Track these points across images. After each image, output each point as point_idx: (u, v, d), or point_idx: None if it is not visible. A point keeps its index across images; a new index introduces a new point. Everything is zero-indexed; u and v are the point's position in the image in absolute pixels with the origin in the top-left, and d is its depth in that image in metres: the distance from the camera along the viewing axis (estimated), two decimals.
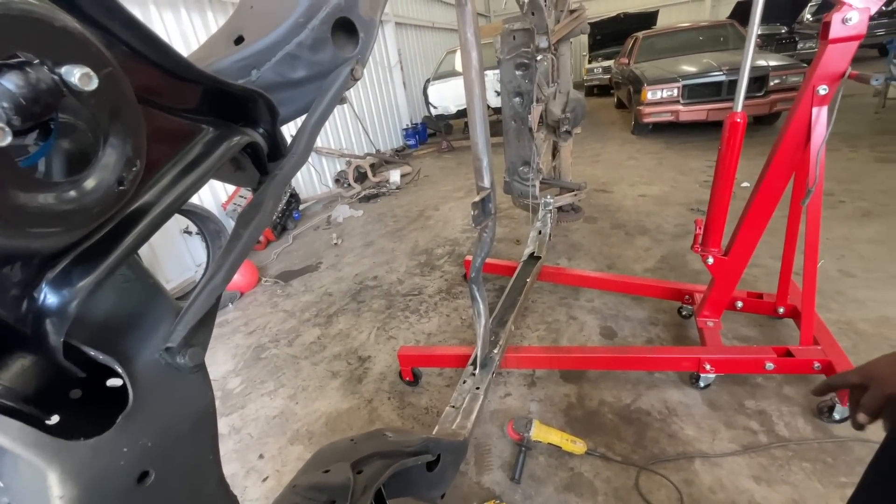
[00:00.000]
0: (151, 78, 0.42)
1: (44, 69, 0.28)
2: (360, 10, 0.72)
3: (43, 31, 0.28)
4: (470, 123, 1.43)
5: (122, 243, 0.41)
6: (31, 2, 0.27)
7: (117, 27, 0.37)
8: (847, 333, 2.02)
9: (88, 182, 0.32)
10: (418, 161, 7.37)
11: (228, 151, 0.52)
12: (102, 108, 0.31)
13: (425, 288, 3.03)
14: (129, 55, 0.38)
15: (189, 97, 0.48)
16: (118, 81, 0.32)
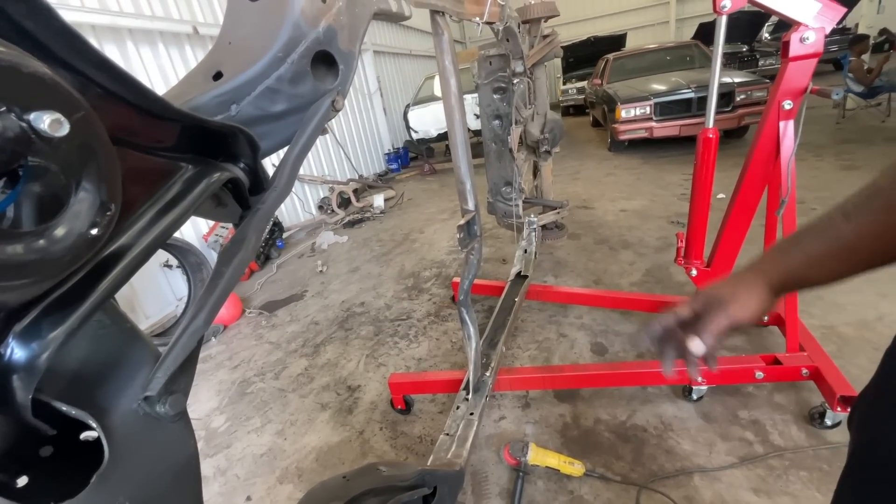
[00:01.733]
0: (127, 118, 0.41)
1: (11, 116, 0.27)
2: (340, 43, 0.73)
3: (11, 78, 0.27)
4: (452, 148, 1.45)
5: (96, 289, 0.39)
6: (5, 51, 0.26)
7: (90, 69, 0.36)
8: (830, 338, 2.06)
9: (59, 230, 0.31)
10: (401, 185, 7.41)
11: (209, 188, 0.51)
12: (74, 153, 0.30)
13: (414, 312, 2.99)
14: (102, 96, 0.38)
15: (166, 135, 0.47)
16: (91, 125, 0.31)
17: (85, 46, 0.34)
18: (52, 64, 0.33)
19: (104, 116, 0.37)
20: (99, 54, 0.35)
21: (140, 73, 3.71)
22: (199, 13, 4.47)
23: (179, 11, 4.21)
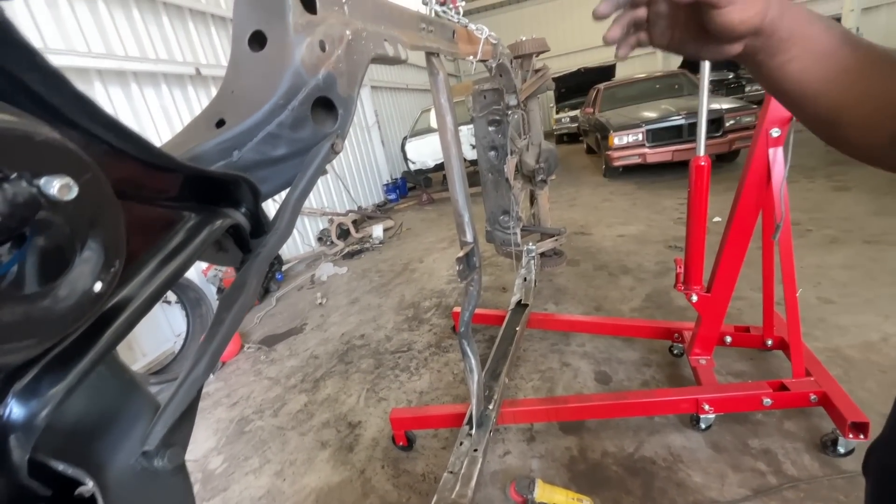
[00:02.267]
0: (132, 172, 0.42)
1: (22, 183, 0.28)
2: (339, 88, 0.75)
3: (23, 146, 0.28)
4: (449, 182, 1.47)
5: (98, 343, 0.39)
6: (10, 119, 0.27)
7: (98, 129, 0.37)
8: (836, 361, 2.04)
9: (63, 290, 0.31)
10: (400, 215, 7.47)
11: (211, 236, 0.52)
12: (81, 215, 0.31)
13: (414, 343, 2.96)
14: (109, 152, 0.39)
15: (170, 187, 0.48)
16: (98, 186, 0.32)
17: (94, 109, 0.35)
18: (62, 125, 0.35)
19: (110, 172, 0.38)
20: (107, 116, 0.36)
21: (143, 113, 3.80)
22: (202, 55, 4.63)
23: (183, 54, 4.36)
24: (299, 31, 0.71)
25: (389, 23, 1.04)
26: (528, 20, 18.40)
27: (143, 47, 3.86)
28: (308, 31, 0.71)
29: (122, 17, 3.69)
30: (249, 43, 0.72)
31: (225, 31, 4.98)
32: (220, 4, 4.91)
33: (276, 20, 0.71)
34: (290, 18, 0.70)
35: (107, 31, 3.53)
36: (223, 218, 0.55)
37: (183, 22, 4.41)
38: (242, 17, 0.74)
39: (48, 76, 0.32)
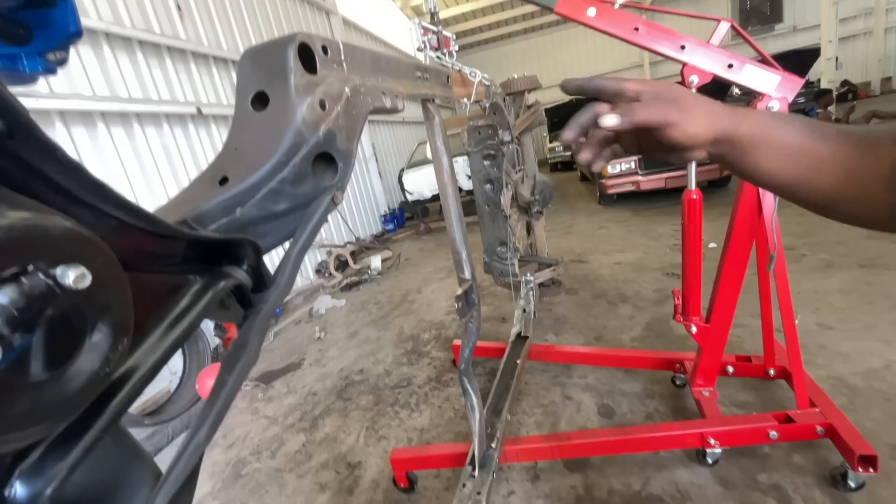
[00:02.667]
0: (140, 245, 0.43)
1: (38, 275, 0.29)
2: (338, 143, 0.78)
3: (41, 240, 0.29)
4: (447, 220, 1.50)
5: (102, 416, 0.39)
6: (28, 215, 0.29)
7: (111, 209, 0.39)
8: (840, 389, 2.02)
9: (71, 373, 0.32)
10: (398, 245, 7.50)
11: (215, 298, 0.53)
12: (93, 301, 0.32)
13: (414, 378, 2.92)
14: (118, 228, 0.40)
15: (176, 254, 0.49)
16: (111, 271, 0.33)
17: (109, 193, 0.37)
18: (77, 206, 0.36)
19: (119, 247, 0.39)
20: (120, 198, 0.38)
21: (145, 152, 3.87)
22: (203, 95, 4.75)
23: (185, 94, 4.48)
24: (300, 91, 0.74)
25: (386, 74, 1.09)
26: (519, 54, 19.04)
27: (146, 89, 3.98)
28: (309, 91, 0.75)
29: (127, 62, 3.81)
30: (252, 103, 0.76)
31: (226, 71, 5.14)
32: (221, 46, 5.08)
33: (279, 82, 0.74)
34: (292, 80, 0.74)
35: (111, 75, 3.64)
36: (226, 279, 0.56)
37: (185, 64, 4.56)
38: (246, 79, 0.77)
39: (67, 167, 0.34)
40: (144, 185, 3.82)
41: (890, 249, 3.31)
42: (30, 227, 0.28)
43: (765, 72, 1.49)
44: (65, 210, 0.35)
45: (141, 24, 3.99)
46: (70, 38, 0.46)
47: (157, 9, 4.20)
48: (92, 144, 3.40)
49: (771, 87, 1.49)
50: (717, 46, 1.53)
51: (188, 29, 4.60)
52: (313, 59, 0.80)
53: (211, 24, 4.98)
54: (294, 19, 6.85)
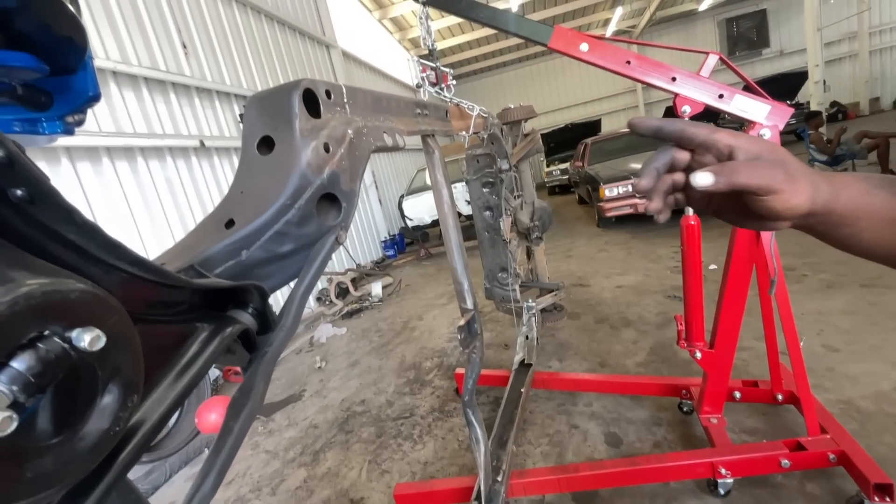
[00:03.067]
0: (150, 297, 0.44)
1: (54, 339, 0.29)
2: (342, 184, 0.80)
3: (59, 305, 0.30)
4: (448, 250, 1.51)
5: (109, 472, 0.39)
6: (46, 281, 0.29)
7: (124, 265, 0.40)
8: (850, 414, 1.99)
9: (82, 434, 0.32)
10: (398, 271, 7.51)
11: (223, 344, 0.53)
12: (106, 363, 0.33)
13: (417, 408, 2.88)
14: (129, 282, 0.41)
15: (184, 303, 0.50)
16: (124, 331, 0.34)
17: (122, 251, 0.38)
18: (91, 263, 0.37)
19: (130, 300, 0.40)
20: (134, 255, 0.39)
21: (148, 185, 3.92)
22: (206, 128, 4.85)
23: (188, 127, 4.57)
24: (305, 135, 0.76)
25: (387, 113, 1.12)
26: (514, 82, 19.53)
27: (150, 124, 4.06)
28: (313, 135, 0.77)
29: (133, 98, 3.91)
30: (258, 147, 0.78)
31: (229, 104, 5.26)
32: (224, 81, 5.22)
33: (284, 126, 0.77)
34: (297, 125, 0.76)
35: (117, 111, 3.73)
36: (233, 324, 0.56)
37: (189, 98, 4.67)
38: (252, 123, 0.80)
39: (84, 229, 0.35)
40: (147, 216, 3.85)
41: (890, 269, 3.31)
42: (48, 293, 0.29)
43: (755, 101, 1.53)
44: (81, 268, 0.36)
45: (147, 62, 4.12)
46: (88, 101, 0.48)
47: (163, 48, 4.34)
48: (97, 178, 3.45)
49: (761, 115, 1.53)
50: (707, 77, 1.57)
51: (193, 66, 4.73)
52: (317, 103, 0.83)
53: (215, 61, 5.13)
54: (295, 54, 7.06)
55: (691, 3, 16.27)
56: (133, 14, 4.05)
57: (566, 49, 1.67)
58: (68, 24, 0.35)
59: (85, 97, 0.44)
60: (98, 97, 0.50)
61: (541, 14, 14.06)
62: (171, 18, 4.53)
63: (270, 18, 6.45)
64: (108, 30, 3.77)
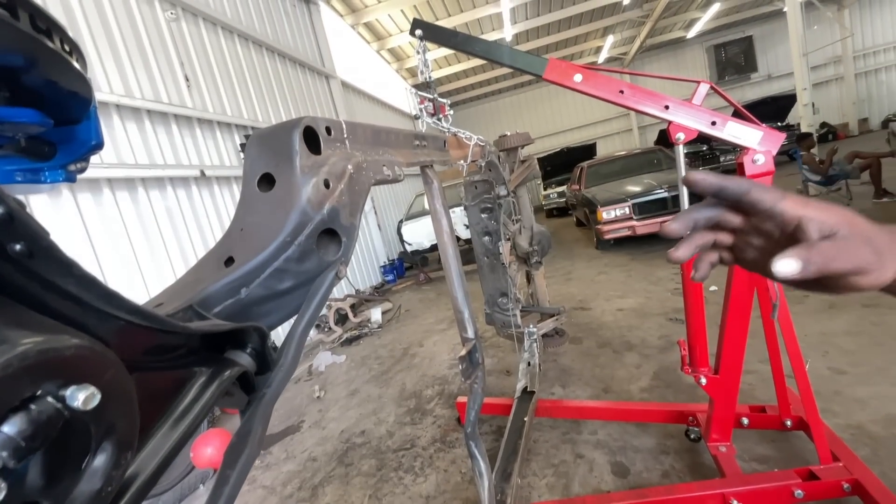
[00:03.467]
0: (149, 344, 0.43)
1: (47, 399, 0.29)
2: (342, 219, 0.80)
3: (54, 363, 0.29)
4: (448, 279, 1.50)
5: None
6: (40, 339, 0.29)
7: (122, 314, 0.39)
8: (861, 439, 1.95)
9: (72, 497, 0.31)
10: (398, 296, 7.47)
11: (221, 389, 0.52)
12: (101, 421, 0.32)
13: (418, 439, 2.81)
14: (126, 331, 0.40)
15: (182, 349, 0.49)
16: (119, 385, 0.33)
17: (121, 301, 0.37)
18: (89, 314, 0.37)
19: (128, 350, 0.39)
20: (133, 304, 0.38)
21: (147, 214, 3.94)
22: (207, 157, 4.91)
23: (189, 157, 4.62)
24: (305, 172, 0.77)
25: (387, 146, 1.13)
26: (509, 108, 19.94)
27: (151, 154, 4.11)
28: (313, 172, 0.77)
29: (136, 130, 3.97)
30: (259, 184, 0.78)
31: (229, 134, 5.34)
32: (225, 112, 5.32)
33: (285, 163, 0.77)
34: (297, 162, 0.77)
35: (119, 142, 3.78)
36: (232, 367, 0.55)
37: (191, 129, 4.74)
38: (253, 160, 0.80)
39: (83, 281, 0.34)
40: (146, 245, 3.85)
41: None
42: (43, 352, 0.28)
43: (747, 127, 1.55)
44: (79, 320, 0.36)
45: (150, 94, 4.20)
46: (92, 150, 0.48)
47: (166, 81, 4.44)
48: (97, 209, 3.47)
49: (754, 141, 1.55)
50: (699, 105, 1.60)
51: (195, 97, 4.83)
52: (318, 140, 0.84)
53: (216, 92, 5.24)
54: (296, 84, 7.22)
55: (680, 31, 16.80)
56: (138, 50, 4.16)
57: (560, 80, 1.71)
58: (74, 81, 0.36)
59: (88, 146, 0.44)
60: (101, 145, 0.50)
61: (534, 43, 14.48)
62: (175, 53, 4.66)
63: (272, 51, 6.63)
64: (114, 65, 3.86)
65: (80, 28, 3.60)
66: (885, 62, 17.18)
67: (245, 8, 6.17)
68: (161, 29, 4.54)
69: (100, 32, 3.78)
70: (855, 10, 16.94)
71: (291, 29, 7.45)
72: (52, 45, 0.32)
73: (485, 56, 1.84)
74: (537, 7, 12.05)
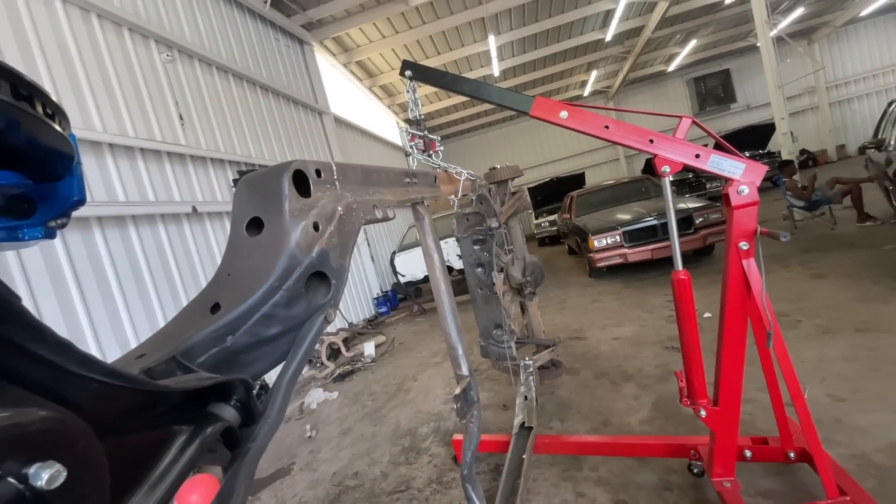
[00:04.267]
0: (125, 406, 0.41)
1: (8, 480, 0.27)
2: (331, 261, 0.79)
3: (18, 440, 0.27)
4: (441, 315, 1.49)
5: None
6: (7, 415, 0.27)
7: (97, 375, 0.37)
8: (867, 470, 1.90)
9: None
10: (392, 328, 7.38)
11: (203, 447, 0.50)
12: (66, 498, 0.30)
13: (413, 480, 2.71)
14: (102, 395, 0.38)
15: (161, 408, 0.47)
16: (88, 459, 0.31)
17: (96, 364, 0.36)
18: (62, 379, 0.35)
19: (102, 414, 0.37)
20: (108, 367, 0.37)
21: (137, 251, 3.90)
22: (199, 193, 4.92)
23: (181, 194, 4.63)
24: (295, 215, 0.76)
25: (377, 185, 1.14)
26: (499, 140, 20.39)
27: (143, 191, 4.12)
28: (303, 215, 0.77)
29: (128, 168, 3.99)
30: (247, 228, 0.77)
31: (222, 170, 5.38)
32: (219, 149, 5.38)
33: (274, 208, 0.77)
34: (286, 206, 0.76)
35: (111, 180, 3.79)
36: (214, 423, 0.53)
37: (183, 166, 4.78)
38: (242, 204, 0.80)
39: (55, 346, 0.33)
40: (133, 284, 3.80)
41: (882, 312, 3.33)
42: (5, 429, 0.27)
43: (730, 160, 1.59)
44: (52, 386, 0.34)
45: (144, 133, 4.25)
46: (74, 206, 0.48)
47: (160, 119, 4.50)
48: (85, 249, 3.43)
49: (737, 172, 1.59)
50: (682, 139, 1.65)
51: (188, 135, 4.89)
52: (308, 183, 0.84)
53: (210, 129, 5.31)
54: (289, 121, 7.35)
55: (661, 65, 17.50)
56: (133, 90, 4.24)
57: (547, 116, 1.75)
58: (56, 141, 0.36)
59: (70, 203, 0.44)
60: (83, 201, 0.50)
61: (522, 79, 14.98)
62: (170, 93, 4.74)
63: (265, 89, 6.78)
64: (108, 105, 3.92)
65: (76, 70, 3.66)
66: (856, 92, 17.96)
67: (240, 49, 6.36)
68: (157, 70, 4.64)
69: (96, 74, 3.85)
70: (825, 45, 17.83)
71: (285, 68, 7.65)
72: (34, 112, 0.32)
73: (473, 95, 1.89)
74: (523, 45, 12.54)
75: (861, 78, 17.87)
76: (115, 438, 0.40)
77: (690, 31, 14.14)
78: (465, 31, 10.90)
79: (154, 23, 4.69)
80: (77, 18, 3.82)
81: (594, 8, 10.90)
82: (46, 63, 3.44)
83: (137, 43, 4.45)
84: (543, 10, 10.70)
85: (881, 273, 4.11)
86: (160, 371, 0.58)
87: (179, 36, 5.06)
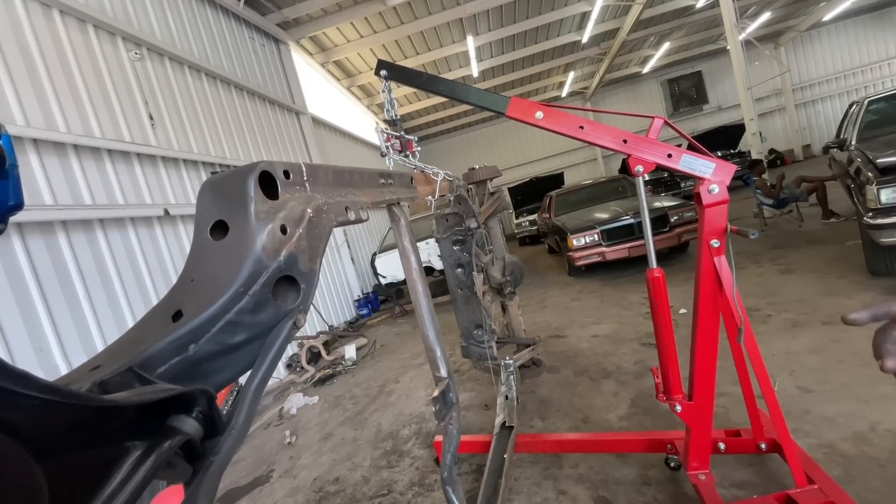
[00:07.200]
0: (68, 424, 0.39)
1: None
2: (300, 265, 0.77)
3: None
4: (418, 317, 1.47)
5: None
6: None
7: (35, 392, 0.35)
8: (833, 459, 1.97)
9: None
10: (373, 330, 7.32)
11: (159, 462, 0.47)
12: None
13: (395, 483, 2.68)
14: (42, 414, 0.36)
15: (112, 423, 0.44)
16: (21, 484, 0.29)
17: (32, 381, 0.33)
18: None
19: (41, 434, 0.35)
20: (47, 383, 0.34)
21: (106, 256, 3.76)
22: (171, 195, 4.78)
23: (152, 196, 4.49)
24: (261, 218, 0.74)
25: (350, 186, 1.12)
26: (478, 141, 20.46)
27: (111, 194, 3.97)
28: (269, 218, 0.74)
29: (94, 170, 3.84)
30: (211, 232, 0.74)
31: (195, 171, 5.24)
32: (192, 150, 5.23)
33: (239, 210, 0.74)
34: (252, 208, 0.74)
35: (76, 183, 3.64)
36: (172, 437, 0.51)
37: (154, 168, 4.63)
38: (205, 207, 0.77)
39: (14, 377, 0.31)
40: (101, 290, 3.66)
41: (847, 305, 3.46)
42: None
43: (701, 160, 1.63)
44: None
45: (111, 134, 4.10)
46: (10, 210, 0.45)
47: (129, 119, 4.35)
48: (49, 254, 3.29)
49: (707, 172, 1.63)
50: (654, 139, 1.67)
51: (159, 136, 4.74)
52: (275, 185, 0.81)
53: (182, 130, 5.17)
54: (265, 121, 7.22)
55: (636, 67, 17.86)
56: (99, 88, 4.08)
57: (523, 117, 1.76)
58: None
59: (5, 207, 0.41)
60: (20, 206, 0.47)
61: (500, 79, 15.07)
62: (139, 92, 4.59)
63: (240, 89, 6.64)
64: (73, 105, 3.77)
65: (37, 69, 3.51)
66: (820, 94, 18.69)
67: (213, 48, 6.21)
68: (125, 69, 4.48)
69: (59, 73, 3.70)
70: (790, 48, 18.50)
71: (261, 67, 7.51)
72: None
73: (449, 95, 1.88)
74: (502, 46, 12.61)
75: (825, 80, 18.60)
76: (57, 459, 0.37)
77: (664, 34, 14.48)
78: (444, 31, 10.91)
79: (121, 20, 4.53)
80: (38, 14, 3.66)
81: (571, 10, 11.05)
82: (5, 60, 3.29)
83: (104, 40, 4.29)
84: (521, 11, 10.79)
85: (845, 268, 4.27)
86: (115, 384, 0.55)
87: (149, 34, 4.90)
